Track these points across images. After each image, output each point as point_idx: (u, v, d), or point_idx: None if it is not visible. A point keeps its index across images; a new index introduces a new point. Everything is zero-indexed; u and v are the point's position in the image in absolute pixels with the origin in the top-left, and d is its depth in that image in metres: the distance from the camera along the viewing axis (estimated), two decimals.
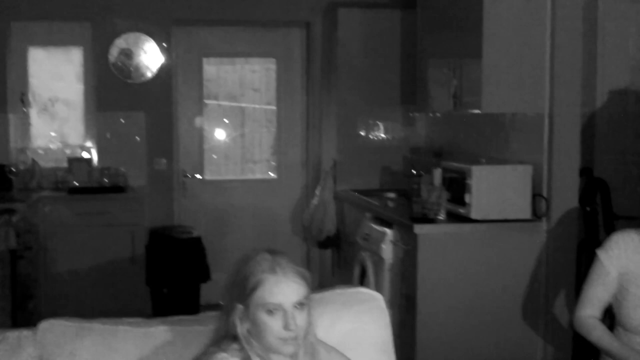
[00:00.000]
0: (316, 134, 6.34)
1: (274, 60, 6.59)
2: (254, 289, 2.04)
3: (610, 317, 2.99)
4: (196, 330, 2.25)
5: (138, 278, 5.69)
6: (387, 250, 4.27)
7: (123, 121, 6.21)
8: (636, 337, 2.82)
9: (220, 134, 6.67)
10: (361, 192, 5.32)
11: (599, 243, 2.97)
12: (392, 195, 4.99)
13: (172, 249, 5.73)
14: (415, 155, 5.56)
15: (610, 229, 4.03)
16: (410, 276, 4.00)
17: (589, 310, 2.92)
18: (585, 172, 4.28)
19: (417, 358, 3.95)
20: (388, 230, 4.30)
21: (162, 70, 6.21)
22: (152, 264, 5.70)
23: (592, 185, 4.30)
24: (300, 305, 2.05)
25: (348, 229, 5.35)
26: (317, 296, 2.38)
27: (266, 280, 2.04)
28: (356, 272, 4.68)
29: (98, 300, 5.56)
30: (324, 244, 5.70)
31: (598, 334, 2.88)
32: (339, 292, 2.49)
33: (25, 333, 2.20)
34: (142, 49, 6.18)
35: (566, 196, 3.96)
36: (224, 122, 6.66)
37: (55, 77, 6.31)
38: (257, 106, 6.72)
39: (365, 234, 4.59)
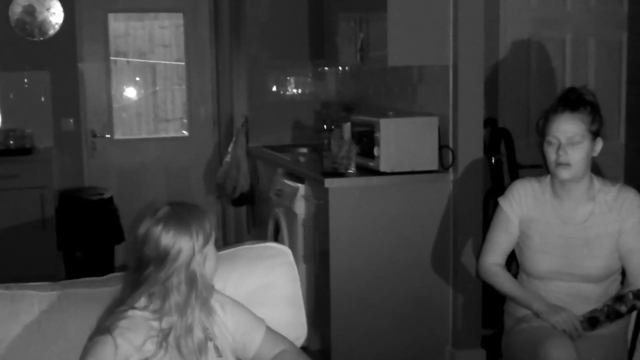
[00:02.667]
0: (227, 90, 6.27)
1: (182, 15, 6.48)
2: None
3: (517, 265, 3.08)
4: (103, 292, 2.23)
5: (49, 242, 5.59)
6: (300, 206, 4.29)
7: (27, 81, 6.04)
8: (538, 282, 2.90)
9: (130, 92, 6.54)
10: (273, 148, 5.30)
11: (504, 192, 3.05)
12: (303, 150, 5.00)
13: (83, 211, 5.64)
14: (326, 109, 5.56)
15: (515, 178, 4.12)
16: (322, 230, 4.03)
17: (493, 258, 3.00)
18: (490, 122, 4.36)
19: (332, 310, 4.00)
20: (300, 186, 4.30)
21: (66, 27, 6.04)
22: (64, 227, 5.60)
23: (496, 135, 4.39)
24: None
25: (262, 186, 5.34)
26: (227, 252, 2.40)
27: None
28: (270, 228, 4.69)
29: (8, 266, 5.40)
30: (238, 201, 5.67)
31: (501, 280, 2.96)
32: (248, 248, 2.50)
33: None
34: (45, 6, 5.99)
35: (472, 147, 4.01)
36: (135, 80, 6.54)
37: None
38: (167, 63, 6.61)
39: (278, 189, 4.60)
